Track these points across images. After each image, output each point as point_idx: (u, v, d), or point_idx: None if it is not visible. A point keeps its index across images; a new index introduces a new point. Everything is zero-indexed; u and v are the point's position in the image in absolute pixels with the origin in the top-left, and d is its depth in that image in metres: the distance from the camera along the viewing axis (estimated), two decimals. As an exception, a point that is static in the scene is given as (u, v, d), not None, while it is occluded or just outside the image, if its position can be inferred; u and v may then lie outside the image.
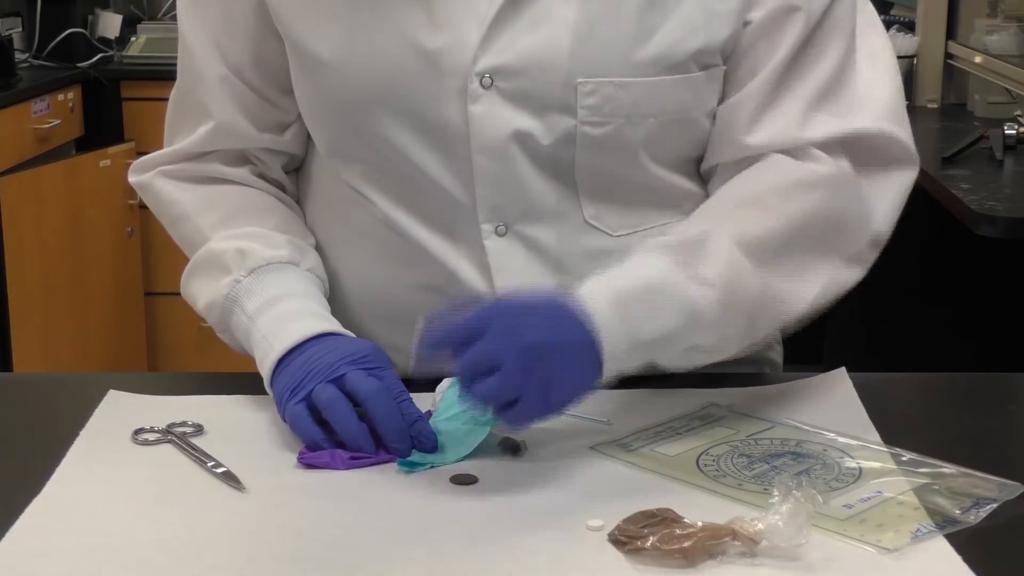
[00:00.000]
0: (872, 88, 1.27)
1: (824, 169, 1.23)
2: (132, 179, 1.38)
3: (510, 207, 1.24)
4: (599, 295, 1.11)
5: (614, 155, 1.24)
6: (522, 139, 1.22)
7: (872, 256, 1.28)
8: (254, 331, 1.23)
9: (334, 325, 1.23)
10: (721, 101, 1.27)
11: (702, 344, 1.17)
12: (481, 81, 1.21)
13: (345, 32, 1.23)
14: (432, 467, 1.11)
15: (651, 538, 0.94)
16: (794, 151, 1.24)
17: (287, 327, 1.20)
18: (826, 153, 1.24)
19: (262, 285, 1.25)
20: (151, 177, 1.35)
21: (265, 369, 1.20)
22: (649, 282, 1.13)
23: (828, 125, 1.24)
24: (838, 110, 1.25)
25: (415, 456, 1.11)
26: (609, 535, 0.97)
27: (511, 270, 1.25)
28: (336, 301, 1.34)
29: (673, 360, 1.17)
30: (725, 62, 1.25)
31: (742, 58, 1.25)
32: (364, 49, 1.23)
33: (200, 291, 1.29)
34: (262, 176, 1.36)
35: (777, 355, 1.45)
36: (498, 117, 1.21)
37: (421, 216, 1.27)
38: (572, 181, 1.25)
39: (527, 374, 1.05)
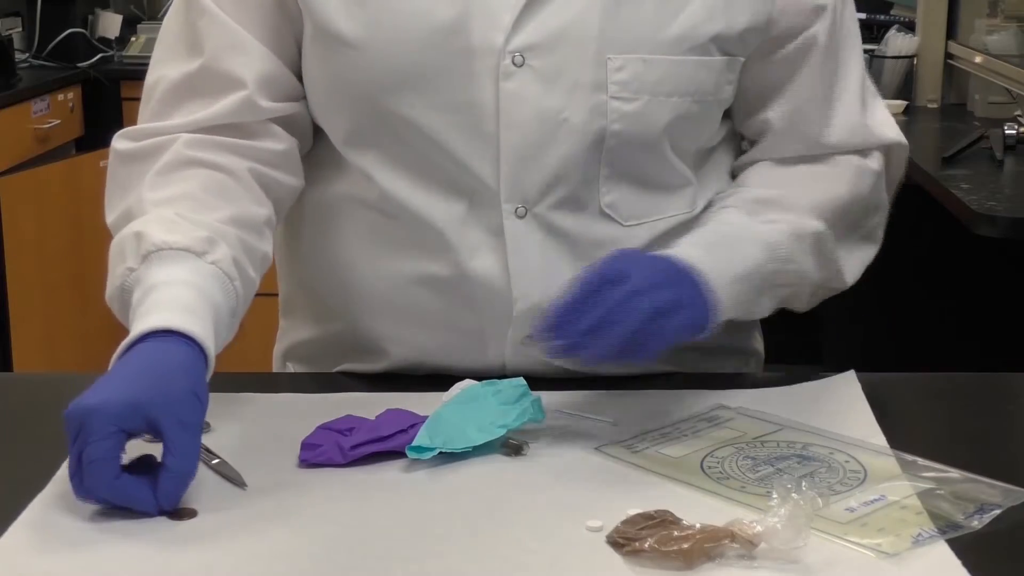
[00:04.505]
0: (875, 98, 1.40)
1: (875, 164, 1.37)
2: (120, 144, 1.28)
3: (532, 187, 1.26)
4: (691, 250, 1.23)
5: (639, 138, 1.27)
6: (552, 116, 1.24)
7: (880, 233, 1.40)
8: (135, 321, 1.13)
9: (189, 320, 1.11)
10: (761, 99, 1.35)
11: (782, 280, 1.29)
12: (513, 59, 1.22)
13: (371, 13, 1.24)
14: (440, 453, 1.10)
15: (649, 540, 0.94)
16: (863, 150, 1.37)
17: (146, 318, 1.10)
18: (878, 149, 1.38)
19: (148, 273, 1.15)
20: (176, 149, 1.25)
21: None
22: (723, 228, 1.28)
23: (880, 127, 1.37)
24: (872, 109, 1.38)
25: (423, 440, 1.11)
26: (607, 537, 0.97)
27: (527, 253, 1.27)
28: (341, 296, 1.34)
29: (768, 300, 1.30)
30: (745, 54, 1.31)
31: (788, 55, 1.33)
32: (391, 31, 1.23)
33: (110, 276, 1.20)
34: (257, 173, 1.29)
35: (759, 345, 1.48)
36: (529, 95, 1.23)
37: (440, 198, 1.27)
38: (596, 163, 1.27)
39: (655, 286, 1.15)
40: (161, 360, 1.07)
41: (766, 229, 1.28)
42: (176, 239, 1.16)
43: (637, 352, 1.14)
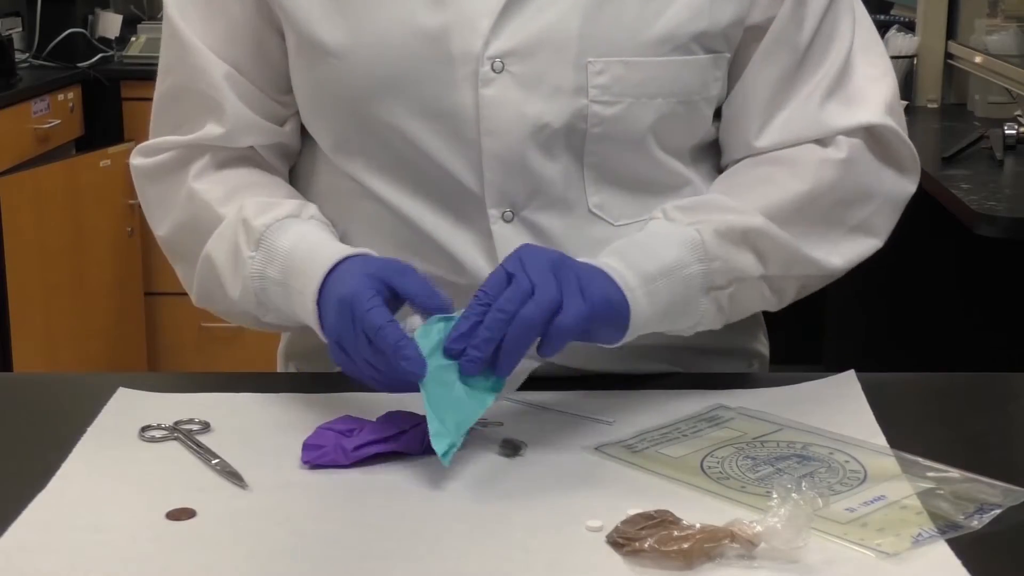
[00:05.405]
0: (874, 82, 1.32)
1: (839, 154, 1.29)
2: (137, 160, 1.34)
3: (518, 192, 1.25)
4: (604, 259, 1.20)
5: (622, 139, 1.26)
6: (533, 122, 1.23)
7: (888, 225, 1.33)
8: (292, 291, 1.21)
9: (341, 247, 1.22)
10: (728, 93, 1.31)
11: (716, 281, 1.22)
12: (492, 65, 1.22)
13: (352, 21, 1.24)
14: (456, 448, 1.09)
15: (649, 540, 0.94)
16: (822, 140, 1.30)
17: (315, 262, 1.19)
18: (845, 136, 1.29)
19: (274, 251, 1.23)
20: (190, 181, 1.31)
21: (310, 309, 1.17)
22: (640, 235, 1.24)
23: (843, 116, 1.29)
24: (849, 97, 1.30)
25: (441, 443, 1.08)
26: (607, 537, 0.97)
27: None
28: None
29: (700, 307, 1.22)
30: (730, 50, 1.29)
31: (748, 43, 1.29)
32: (372, 39, 1.23)
33: (227, 282, 1.26)
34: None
35: (763, 347, 1.46)
36: (509, 100, 1.23)
37: (428, 204, 1.27)
38: (579, 166, 1.26)
39: (558, 274, 1.11)
40: (364, 261, 1.18)
41: (687, 231, 1.22)
42: (276, 213, 1.24)
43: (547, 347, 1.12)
